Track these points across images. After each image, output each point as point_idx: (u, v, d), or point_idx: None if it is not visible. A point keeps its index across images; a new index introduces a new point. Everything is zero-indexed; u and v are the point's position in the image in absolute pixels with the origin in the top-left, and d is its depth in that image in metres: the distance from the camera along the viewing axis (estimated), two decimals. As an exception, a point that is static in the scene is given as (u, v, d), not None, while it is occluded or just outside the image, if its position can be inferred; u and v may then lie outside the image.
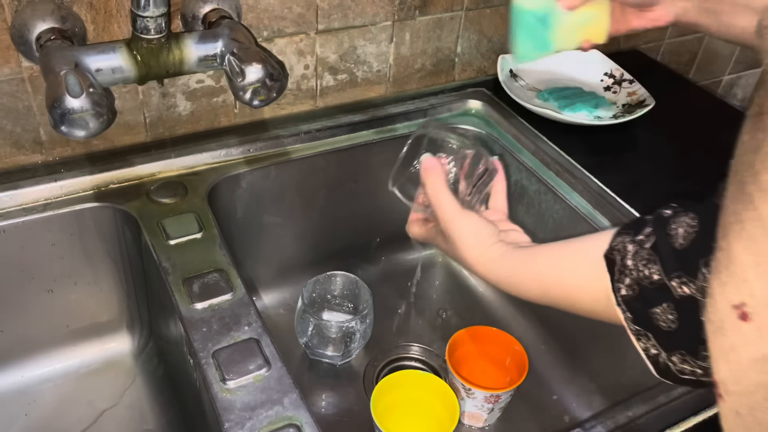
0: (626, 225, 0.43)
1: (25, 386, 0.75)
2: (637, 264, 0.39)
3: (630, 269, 0.40)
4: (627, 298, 0.40)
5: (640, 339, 0.40)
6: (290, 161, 0.79)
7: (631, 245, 0.40)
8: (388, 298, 0.86)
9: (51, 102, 0.54)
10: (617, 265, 0.41)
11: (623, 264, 0.40)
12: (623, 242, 0.41)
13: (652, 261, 0.38)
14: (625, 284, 0.40)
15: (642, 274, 0.39)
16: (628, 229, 0.42)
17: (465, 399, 0.71)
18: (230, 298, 0.60)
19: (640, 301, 0.39)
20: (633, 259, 0.39)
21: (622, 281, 0.40)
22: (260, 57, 0.62)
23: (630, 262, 0.40)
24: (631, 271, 0.39)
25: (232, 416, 0.51)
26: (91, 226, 0.70)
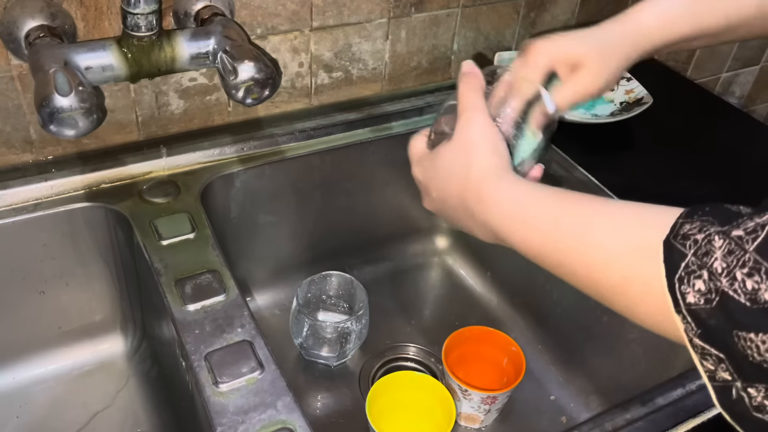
0: (702, 208, 0.33)
1: (17, 388, 0.74)
2: (733, 270, 0.29)
3: (716, 274, 0.30)
4: (697, 308, 0.31)
5: (707, 359, 0.31)
6: (285, 160, 0.78)
7: (720, 238, 0.30)
8: (384, 298, 0.86)
9: (39, 101, 0.53)
10: (687, 259, 0.31)
11: (702, 262, 0.31)
12: (705, 231, 0.31)
13: (758, 272, 0.28)
14: (695, 289, 0.31)
15: (738, 286, 0.29)
16: (707, 216, 0.32)
17: (461, 400, 0.70)
18: (223, 300, 0.59)
19: (720, 317, 0.30)
20: (725, 260, 0.30)
21: (691, 284, 0.31)
22: (253, 55, 0.61)
23: (719, 264, 0.30)
24: (717, 277, 0.30)
25: (224, 420, 0.50)
26: (82, 227, 0.70)
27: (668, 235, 0.32)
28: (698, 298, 0.31)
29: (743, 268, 0.29)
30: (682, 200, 0.81)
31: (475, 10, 0.87)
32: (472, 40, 0.90)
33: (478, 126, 0.47)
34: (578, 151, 0.81)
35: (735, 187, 0.80)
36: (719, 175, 0.82)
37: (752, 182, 0.81)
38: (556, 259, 0.40)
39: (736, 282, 0.29)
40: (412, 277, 0.91)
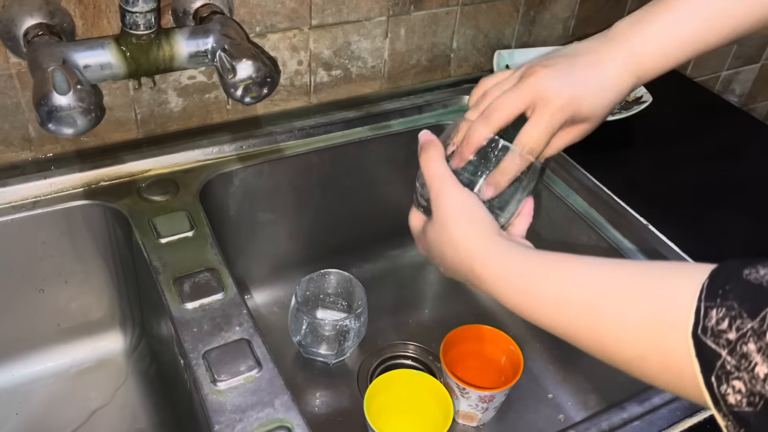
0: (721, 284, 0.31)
1: (16, 385, 0.74)
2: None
3: (759, 379, 0.28)
4: (738, 409, 0.29)
5: None
6: (283, 158, 0.78)
7: (755, 341, 0.28)
8: (383, 297, 0.86)
9: (38, 99, 0.53)
10: (722, 359, 0.30)
11: (739, 365, 0.29)
12: (737, 329, 0.29)
13: None
14: (735, 390, 0.29)
15: None
16: (729, 300, 0.30)
17: (459, 398, 0.70)
18: (221, 298, 0.59)
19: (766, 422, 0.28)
20: (765, 363, 0.28)
21: (730, 384, 0.29)
22: (251, 53, 0.61)
23: (762, 368, 0.28)
24: (761, 382, 0.28)
25: (222, 418, 0.50)
26: (81, 224, 0.70)
27: (695, 327, 0.31)
28: (740, 400, 0.29)
29: None
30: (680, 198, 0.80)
31: (475, 8, 0.87)
32: (471, 38, 0.90)
33: (448, 198, 0.45)
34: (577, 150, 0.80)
35: (735, 186, 0.80)
36: (719, 174, 0.82)
37: (752, 181, 0.81)
38: (567, 334, 0.39)
39: None
40: (410, 276, 0.91)
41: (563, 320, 0.38)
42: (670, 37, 0.49)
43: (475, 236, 0.44)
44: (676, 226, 0.71)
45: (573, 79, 0.49)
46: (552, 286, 0.39)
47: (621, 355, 0.35)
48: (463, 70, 0.93)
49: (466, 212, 0.45)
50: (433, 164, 0.47)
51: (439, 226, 0.46)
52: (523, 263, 0.41)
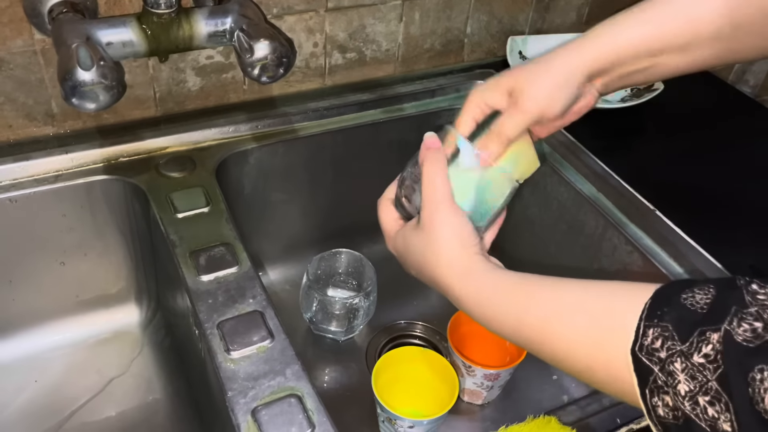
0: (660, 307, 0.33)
1: (36, 354, 0.77)
2: (695, 396, 0.30)
3: (681, 397, 0.31)
4: (667, 421, 0.32)
5: None
6: (298, 139, 0.79)
7: (682, 362, 0.31)
8: (392, 277, 0.87)
9: (62, 74, 0.55)
10: (654, 374, 0.32)
11: (668, 382, 0.31)
12: (668, 349, 0.32)
13: (722, 403, 0.29)
14: (664, 403, 0.32)
15: (702, 414, 0.30)
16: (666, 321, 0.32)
17: (465, 376, 0.72)
18: (236, 272, 0.61)
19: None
20: (688, 385, 0.30)
21: (660, 398, 0.32)
22: (269, 33, 0.62)
23: (684, 387, 0.31)
24: (682, 400, 0.30)
25: (235, 385, 0.52)
26: (100, 199, 0.72)
27: (634, 344, 0.34)
28: (667, 413, 0.32)
29: (705, 395, 0.30)
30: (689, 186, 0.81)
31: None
32: (485, 23, 0.91)
33: (443, 219, 0.47)
34: (587, 136, 0.81)
35: (746, 175, 0.80)
36: (729, 163, 0.82)
37: (763, 171, 0.81)
38: (527, 346, 0.43)
39: (698, 407, 0.30)
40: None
41: (523, 336, 0.42)
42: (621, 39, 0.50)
43: (457, 259, 0.46)
44: (684, 213, 0.72)
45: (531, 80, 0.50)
46: (513, 308, 0.43)
47: (573, 367, 0.39)
48: (476, 55, 0.94)
49: (456, 234, 0.47)
50: (438, 180, 0.48)
51: (426, 242, 0.48)
52: (491, 287, 0.45)
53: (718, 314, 0.31)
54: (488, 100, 0.51)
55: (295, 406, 0.51)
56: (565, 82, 0.50)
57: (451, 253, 0.46)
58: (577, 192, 0.78)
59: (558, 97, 0.50)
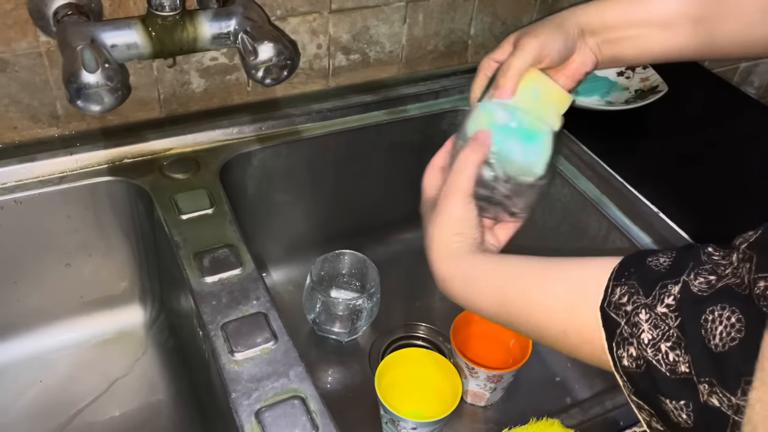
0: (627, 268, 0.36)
1: (41, 354, 0.77)
2: (657, 343, 0.33)
3: (644, 345, 0.33)
4: (630, 370, 0.34)
5: (642, 411, 0.35)
6: (301, 140, 0.79)
7: (646, 313, 0.34)
8: (395, 278, 0.87)
9: (67, 76, 0.55)
10: (621, 327, 0.35)
11: (632, 333, 0.34)
12: (633, 302, 0.34)
13: (679, 347, 0.32)
14: (628, 354, 0.34)
15: (662, 358, 0.32)
16: (632, 279, 0.35)
17: (468, 378, 0.72)
18: (239, 273, 0.61)
19: (648, 382, 0.33)
20: (652, 333, 0.33)
21: (625, 349, 0.34)
22: (273, 36, 0.62)
23: (647, 335, 0.33)
24: (645, 347, 0.33)
25: (239, 387, 0.52)
26: (105, 200, 0.72)
27: (602, 302, 0.36)
28: (631, 362, 0.34)
29: (667, 342, 0.32)
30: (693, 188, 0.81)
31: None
32: (489, 24, 0.91)
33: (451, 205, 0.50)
34: (592, 138, 0.81)
35: (750, 177, 0.80)
36: (734, 165, 0.82)
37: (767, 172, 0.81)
38: (506, 320, 0.45)
39: (659, 353, 0.32)
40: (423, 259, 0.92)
41: (505, 310, 0.45)
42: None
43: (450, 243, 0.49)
44: (688, 215, 0.72)
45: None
46: (495, 284, 0.46)
47: (548, 333, 0.41)
48: (480, 56, 0.93)
49: (457, 222, 0.50)
50: (469, 167, 0.50)
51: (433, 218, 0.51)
52: (474, 268, 0.48)
53: (678, 270, 0.34)
54: (496, 56, 0.56)
55: (299, 408, 0.51)
56: (558, 26, 0.54)
57: (444, 237, 0.49)
58: (580, 194, 0.78)
59: (553, 38, 0.53)
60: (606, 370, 0.37)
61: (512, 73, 0.53)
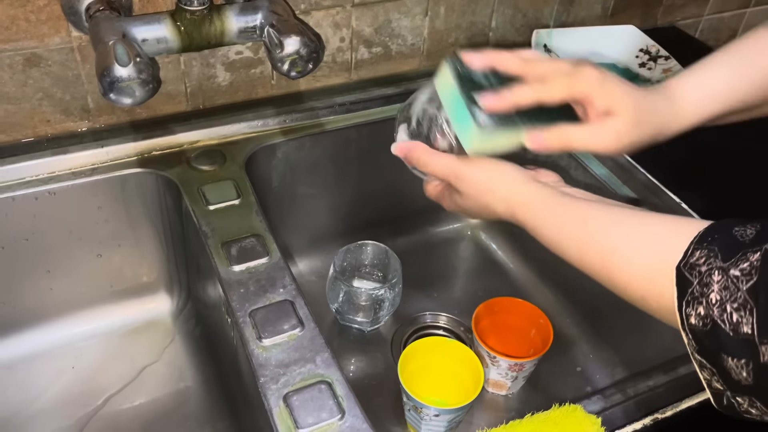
0: (712, 234, 0.37)
1: (73, 341, 0.79)
2: (724, 303, 0.34)
3: (712, 304, 0.35)
4: (696, 328, 0.36)
5: (704, 370, 0.36)
6: (324, 133, 0.81)
7: (719, 274, 0.35)
8: (417, 269, 0.88)
9: (101, 70, 0.57)
10: (693, 287, 0.36)
11: (703, 292, 0.35)
12: (708, 264, 0.35)
13: (747, 309, 0.33)
14: (696, 312, 0.35)
15: (727, 317, 0.34)
16: (714, 245, 0.36)
17: (489, 367, 0.73)
18: (266, 262, 0.63)
19: (712, 340, 0.35)
20: (721, 294, 0.34)
21: (694, 308, 0.36)
22: (298, 29, 0.64)
23: (715, 295, 0.34)
24: (713, 307, 0.34)
25: (267, 372, 0.54)
26: (134, 191, 0.74)
27: (680, 262, 0.37)
28: (698, 321, 0.35)
29: (734, 303, 0.34)
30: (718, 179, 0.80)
31: (514, -12, 0.88)
32: (510, 17, 0.91)
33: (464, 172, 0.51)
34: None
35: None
36: (754, 151, 0.81)
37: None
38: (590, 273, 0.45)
39: (725, 313, 0.34)
40: (444, 250, 0.94)
41: (585, 263, 0.45)
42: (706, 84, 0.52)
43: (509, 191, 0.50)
44: (707, 202, 0.72)
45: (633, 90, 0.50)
46: (575, 235, 0.46)
47: (629, 296, 0.42)
48: (501, 48, 0.94)
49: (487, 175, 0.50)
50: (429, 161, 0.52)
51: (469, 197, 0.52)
52: (552, 210, 0.48)
53: (761, 240, 0.34)
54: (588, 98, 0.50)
55: (326, 392, 0.52)
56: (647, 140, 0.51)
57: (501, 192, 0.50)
58: (602, 184, 0.78)
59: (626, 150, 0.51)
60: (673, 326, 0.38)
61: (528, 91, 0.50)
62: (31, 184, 0.69)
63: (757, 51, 0.52)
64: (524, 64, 0.52)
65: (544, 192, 0.49)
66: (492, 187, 0.50)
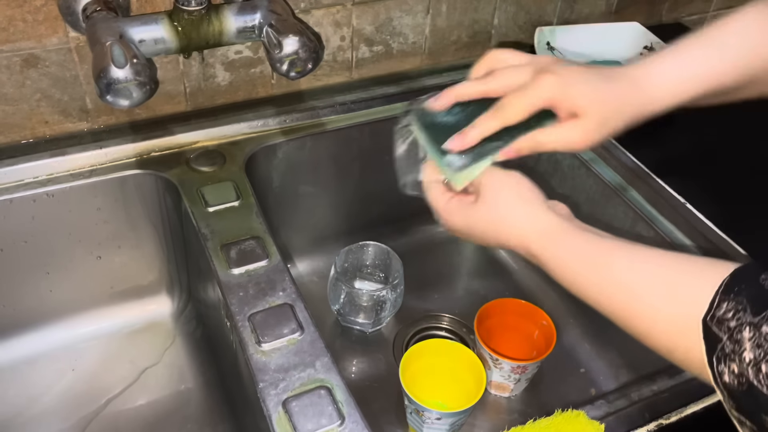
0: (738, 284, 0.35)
1: (73, 343, 0.79)
2: (759, 362, 0.32)
3: (746, 363, 0.33)
4: (731, 387, 0.34)
5: (743, 426, 0.35)
6: (325, 132, 0.80)
7: (750, 331, 0.33)
8: (419, 270, 0.88)
9: (97, 72, 0.56)
10: (723, 343, 0.34)
11: (734, 350, 0.34)
12: (738, 319, 0.34)
13: None
14: (730, 371, 0.34)
15: (764, 379, 0.32)
16: (741, 296, 0.35)
17: (492, 369, 0.72)
18: (266, 265, 0.62)
19: (749, 400, 0.33)
20: (753, 351, 0.33)
21: (727, 365, 0.34)
22: (297, 29, 0.63)
23: (749, 354, 0.33)
24: (747, 366, 0.33)
25: (266, 377, 0.53)
26: (133, 192, 0.73)
27: (706, 314, 0.36)
28: (732, 380, 0.34)
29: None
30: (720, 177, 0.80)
31: (517, -15, 0.87)
32: (512, 14, 0.90)
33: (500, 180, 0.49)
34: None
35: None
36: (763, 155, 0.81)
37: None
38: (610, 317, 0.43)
39: (761, 374, 0.32)
40: (446, 250, 0.93)
41: (605, 305, 0.43)
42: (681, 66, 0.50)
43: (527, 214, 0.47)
44: (716, 206, 0.71)
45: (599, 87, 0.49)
46: (595, 275, 0.43)
47: (652, 345, 0.40)
48: (503, 46, 0.93)
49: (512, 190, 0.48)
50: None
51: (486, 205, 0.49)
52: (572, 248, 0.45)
53: None
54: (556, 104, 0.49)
55: (325, 398, 0.52)
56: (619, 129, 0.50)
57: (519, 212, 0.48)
58: (606, 184, 0.77)
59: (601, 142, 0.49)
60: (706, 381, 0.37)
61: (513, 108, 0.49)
62: (29, 186, 0.69)
63: (736, 32, 0.50)
64: (483, 86, 0.51)
65: (563, 226, 0.46)
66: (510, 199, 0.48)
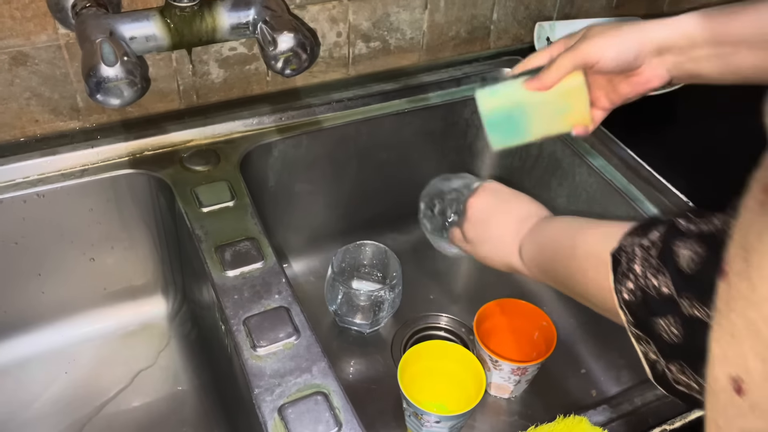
0: (639, 225, 0.42)
1: (66, 346, 0.78)
2: (645, 271, 0.38)
3: (637, 275, 0.38)
4: (629, 302, 0.39)
5: (640, 343, 0.39)
6: (322, 130, 0.79)
7: (639, 249, 0.39)
8: (417, 269, 0.87)
9: (87, 71, 0.55)
10: (622, 266, 0.40)
11: (629, 267, 0.39)
12: (632, 244, 0.40)
13: (660, 272, 0.37)
14: (627, 288, 0.39)
15: (650, 283, 0.38)
16: (638, 230, 0.41)
17: (492, 370, 0.71)
18: (261, 267, 0.61)
19: (642, 308, 0.38)
20: (642, 265, 0.38)
21: (624, 284, 0.39)
22: (292, 25, 0.61)
23: (638, 267, 0.39)
24: (638, 278, 0.38)
25: (261, 382, 0.52)
26: (126, 192, 0.72)
27: (614, 249, 0.41)
28: (630, 295, 0.39)
29: (651, 268, 0.38)
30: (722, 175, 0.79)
31: (516, -21, 0.86)
32: (512, 9, 0.89)
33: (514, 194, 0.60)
34: (617, 125, 0.79)
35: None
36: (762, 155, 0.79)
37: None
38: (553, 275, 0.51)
39: (648, 281, 0.38)
40: (445, 248, 0.92)
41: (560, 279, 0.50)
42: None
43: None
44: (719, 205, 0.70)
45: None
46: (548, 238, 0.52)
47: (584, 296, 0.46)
48: (502, 42, 0.92)
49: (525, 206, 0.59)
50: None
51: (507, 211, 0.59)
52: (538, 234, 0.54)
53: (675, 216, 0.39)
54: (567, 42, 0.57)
55: (322, 404, 0.50)
56: (627, 36, 0.53)
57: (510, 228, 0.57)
58: (607, 182, 0.76)
59: (615, 46, 0.53)
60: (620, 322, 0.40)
61: (553, 67, 0.55)
62: (19, 187, 0.68)
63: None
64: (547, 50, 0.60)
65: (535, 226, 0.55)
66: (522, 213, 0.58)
